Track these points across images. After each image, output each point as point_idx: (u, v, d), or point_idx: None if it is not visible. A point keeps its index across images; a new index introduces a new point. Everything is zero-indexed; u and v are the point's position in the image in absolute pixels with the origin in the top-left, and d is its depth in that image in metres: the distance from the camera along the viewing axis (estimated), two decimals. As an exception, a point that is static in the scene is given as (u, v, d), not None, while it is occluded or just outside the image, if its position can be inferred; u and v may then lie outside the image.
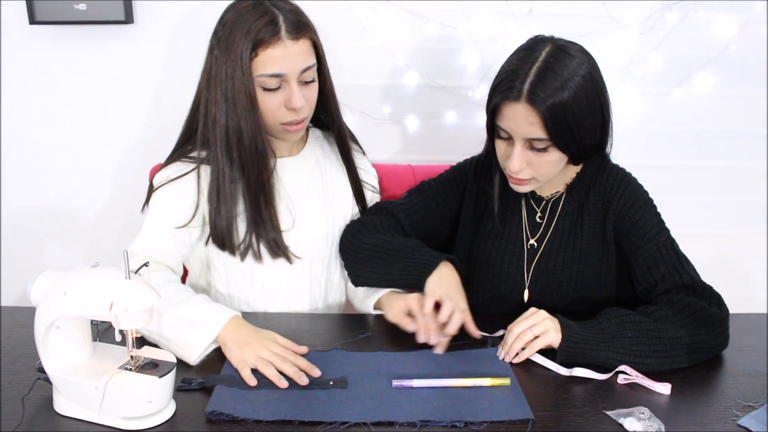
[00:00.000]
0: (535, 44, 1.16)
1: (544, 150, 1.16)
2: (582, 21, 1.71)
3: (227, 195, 1.26)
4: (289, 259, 1.33)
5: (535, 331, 1.11)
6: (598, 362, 1.09)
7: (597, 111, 1.16)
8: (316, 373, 1.07)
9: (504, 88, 1.14)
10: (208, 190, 1.28)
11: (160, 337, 1.13)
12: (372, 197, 1.49)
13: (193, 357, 1.10)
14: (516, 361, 1.11)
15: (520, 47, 1.19)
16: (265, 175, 1.27)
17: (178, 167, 1.30)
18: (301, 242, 1.36)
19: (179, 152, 1.33)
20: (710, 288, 1.19)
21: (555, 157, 1.17)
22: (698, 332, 1.11)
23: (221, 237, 1.29)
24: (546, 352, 1.12)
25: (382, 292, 1.29)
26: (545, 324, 1.11)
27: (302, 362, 1.08)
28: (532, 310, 1.14)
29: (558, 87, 1.11)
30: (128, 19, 1.69)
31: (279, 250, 1.31)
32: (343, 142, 1.41)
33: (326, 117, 1.39)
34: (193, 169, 1.29)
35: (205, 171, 1.28)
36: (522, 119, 1.13)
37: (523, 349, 1.12)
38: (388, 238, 1.30)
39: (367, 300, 1.31)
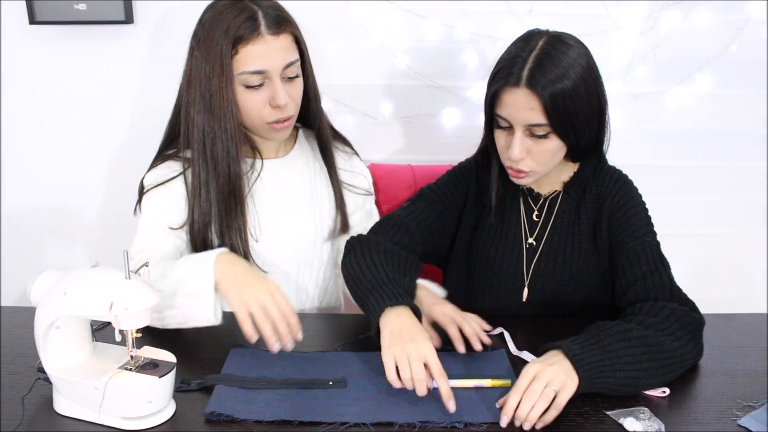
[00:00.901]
0: (531, 35, 1.18)
1: (544, 137, 1.16)
2: (582, 21, 1.71)
3: (202, 198, 1.25)
4: None
5: (554, 387, 0.96)
6: (602, 389, 1.01)
7: (595, 100, 1.17)
8: (299, 337, 1.09)
9: (503, 74, 1.14)
10: (189, 191, 1.27)
11: (170, 311, 1.13)
12: (363, 201, 1.45)
13: (214, 319, 1.11)
14: (539, 426, 0.96)
15: (517, 39, 1.20)
16: (236, 181, 1.25)
17: (168, 167, 1.30)
18: (287, 246, 1.35)
19: (164, 154, 1.32)
20: (685, 295, 1.18)
21: (554, 145, 1.17)
22: (685, 341, 1.09)
23: (195, 240, 1.28)
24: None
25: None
26: (559, 378, 0.97)
27: (293, 319, 1.09)
28: (531, 371, 0.98)
29: (559, 75, 1.11)
30: (128, 19, 1.69)
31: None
32: (324, 144, 1.38)
33: (308, 116, 1.36)
34: (181, 173, 1.29)
35: (190, 172, 1.28)
36: (522, 104, 1.13)
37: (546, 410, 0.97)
38: (366, 271, 1.20)
39: None
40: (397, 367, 1.01)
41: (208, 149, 1.23)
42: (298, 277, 1.37)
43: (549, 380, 0.97)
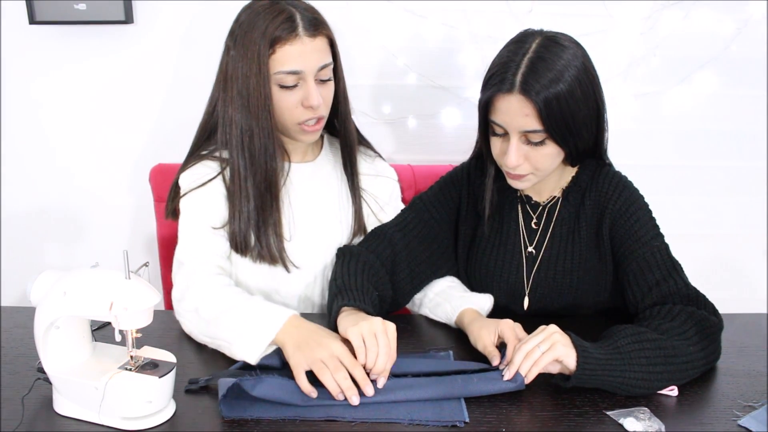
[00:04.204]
0: (524, 37, 1.15)
1: (541, 143, 1.14)
2: (582, 21, 1.71)
3: (243, 195, 1.26)
4: (287, 268, 1.31)
5: (542, 348, 1.02)
6: (611, 387, 1.03)
7: (592, 102, 1.14)
8: (369, 392, 1.01)
9: (496, 80, 1.12)
10: (228, 189, 1.28)
11: (219, 339, 1.13)
12: (389, 198, 1.44)
13: (254, 357, 1.09)
14: (526, 381, 1.02)
15: (510, 41, 1.17)
16: (273, 177, 1.27)
17: (206, 166, 1.30)
18: (315, 248, 1.35)
19: (200, 154, 1.32)
20: (704, 296, 1.16)
21: (552, 151, 1.15)
22: (702, 346, 1.08)
23: (235, 238, 1.27)
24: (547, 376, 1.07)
25: (460, 309, 1.25)
26: (553, 338, 1.02)
27: (359, 373, 1.02)
28: (542, 327, 1.06)
29: (553, 78, 1.09)
30: (128, 19, 1.69)
31: (278, 257, 1.29)
32: (349, 151, 1.38)
33: (336, 120, 1.37)
34: (219, 173, 1.29)
35: (229, 172, 1.28)
36: (516, 111, 1.11)
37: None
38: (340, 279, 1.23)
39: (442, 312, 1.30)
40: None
41: (246, 146, 1.24)
42: (323, 279, 1.37)
43: (543, 339, 1.02)
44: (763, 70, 1.80)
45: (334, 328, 1.11)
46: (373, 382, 1.02)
